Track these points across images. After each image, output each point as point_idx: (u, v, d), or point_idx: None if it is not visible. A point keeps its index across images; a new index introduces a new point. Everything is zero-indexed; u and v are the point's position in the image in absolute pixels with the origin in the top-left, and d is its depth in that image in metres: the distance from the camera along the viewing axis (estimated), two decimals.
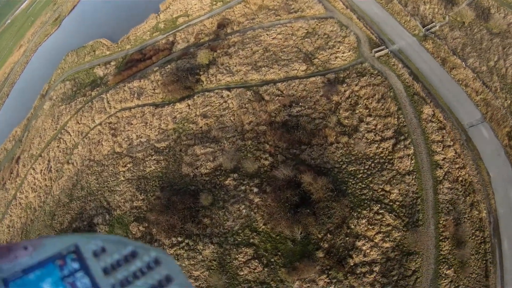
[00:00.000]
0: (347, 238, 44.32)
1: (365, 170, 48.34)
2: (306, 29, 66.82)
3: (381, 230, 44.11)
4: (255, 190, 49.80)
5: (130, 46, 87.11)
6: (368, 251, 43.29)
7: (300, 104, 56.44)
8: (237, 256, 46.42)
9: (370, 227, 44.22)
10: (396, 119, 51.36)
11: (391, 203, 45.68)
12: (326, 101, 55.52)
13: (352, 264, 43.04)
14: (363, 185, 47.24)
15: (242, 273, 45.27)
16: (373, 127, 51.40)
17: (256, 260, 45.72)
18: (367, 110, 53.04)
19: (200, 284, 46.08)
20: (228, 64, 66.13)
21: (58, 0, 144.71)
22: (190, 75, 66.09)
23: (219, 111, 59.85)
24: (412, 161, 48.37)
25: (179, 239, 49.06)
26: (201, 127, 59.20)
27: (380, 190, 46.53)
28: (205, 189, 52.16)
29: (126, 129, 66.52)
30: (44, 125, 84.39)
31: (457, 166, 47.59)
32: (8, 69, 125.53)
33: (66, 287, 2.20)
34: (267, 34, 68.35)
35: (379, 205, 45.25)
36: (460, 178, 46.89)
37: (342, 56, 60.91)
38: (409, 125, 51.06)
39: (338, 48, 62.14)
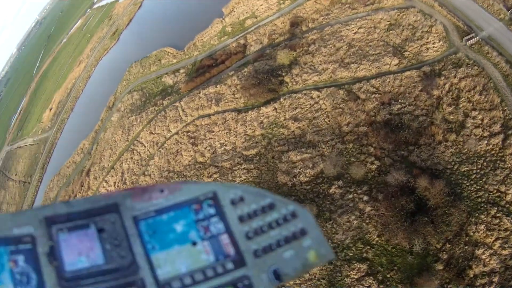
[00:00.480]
0: (466, 247, 38.02)
1: (478, 170, 41.58)
2: (388, 21, 60.08)
3: (500, 236, 37.68)
4: (365, 198, 43.49)
5: (198, 52, 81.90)
6: (487, 260, 36.99)
7: (400, 101, 49.78)
8: (349, 273, 40.34)
9: (489, 233, 37.76)
10: (501, 112, 44.36)
11: (507, 205, 39.04)
12: (426, 96, 48.81)
13: (471, 276, 36.91)
14: (478, 187, 40.59)
15: None
16: (480, 121, 44.52)
17: (371, 277, 39.63)
18: (471, 104, 46.16)
19: None
20: (312, 63, 59.86)
21: (113, 15, 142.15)
22: (272, 76, 60.12)
23: (311, 113, 53.66)
24: None
25: None
26: (293, 131, 53.17)
27: (495, 191, 39.85)
28: (307, 199, 46.05)
29: (207, 137, 61.02)
30: (114, 137, 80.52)
31: None
32: (70, 85, 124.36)
33: (199, 230, 2.34)
34: (347, 29, 61.91)
35: (496, 208, 38.69)
36: None
37: (433, 47, 53.96)
38: None
39: (427, 39, 55.22)
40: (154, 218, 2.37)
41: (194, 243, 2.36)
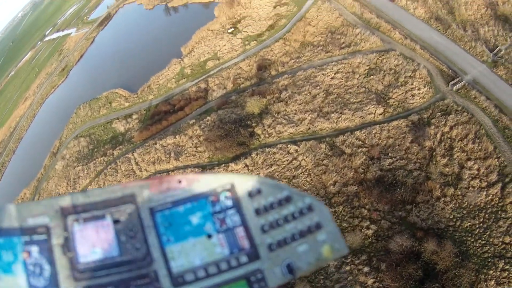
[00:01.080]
0: None
1: (481, 224, 37.65)
2: (367, 65, 53.96)
3: None
4: (365, 269, 36.47)
5: (153, 96, 72.11)
6: None
7: (390, 154, 43.39)
8: None
9: None
10: (496, 160, 40.50)
11: None
12: (418, 148, 43.32)
13: None
14: (483, 241, 36.67)
15: None
16: (476, 172, 40.19)
17: None
18: (465, 154, 41.74)
19: None
20: (286, 112, 51.81)
21: (64, 50, 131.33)
22: (241, 127, 51.43)
23: (290, 171, 45.36)
24: None
25: None
26: None
27: (500, 243, 36.19)
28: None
29: None
30: (58, 188, 69.06)
31: None
32: (14, 123, 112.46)
33: (215, 223, 2.28)
34: (323, 74, 54.91)
35: (503, 261, 34.94)
36: None
37: (419, 93, 48.78)
38: (510, 164, 40.31)
39: (412, 84, 49.88)
40: (170, 209, 2.26)
41: (210, 236, 2.27)
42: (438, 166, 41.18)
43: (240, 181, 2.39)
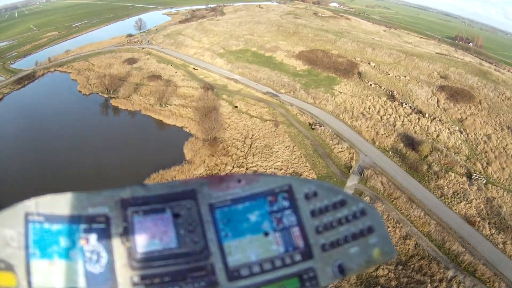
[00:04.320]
0: None
1: None
2: None
3: None
4: None
5: None
6: None
7: None
8: None
9: None
10: None
11: None
12: None
13: None
14: None
15: None
16: None
17: None
18: None
19: None
20: None
21: None
22: None
23: None
24: None
25: None
26: None
27: None
28: None
29: None
30: None
31: None
32: None
33: (272, 222, 2.17)
34: None
35: None
36: None
37: None
38: None
39: None
40: (229, 207, 2.13)
41: (266, 234, 2.12)
42: None
43: (297, 184, 2.23)
